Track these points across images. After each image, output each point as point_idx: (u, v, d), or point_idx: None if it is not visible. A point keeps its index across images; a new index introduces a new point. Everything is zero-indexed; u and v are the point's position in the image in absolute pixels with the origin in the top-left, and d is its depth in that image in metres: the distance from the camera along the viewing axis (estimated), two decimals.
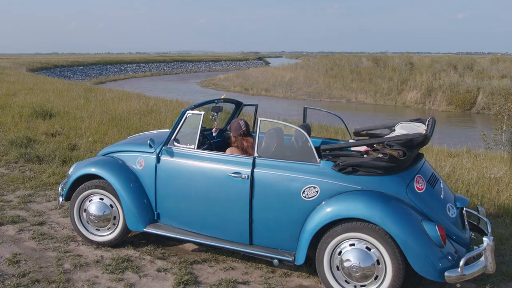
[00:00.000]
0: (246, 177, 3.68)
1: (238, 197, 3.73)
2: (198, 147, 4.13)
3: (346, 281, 3.41)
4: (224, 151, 5.15)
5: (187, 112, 4.07)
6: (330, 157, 3.60)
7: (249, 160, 3.72)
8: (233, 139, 4.32)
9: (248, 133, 4.28)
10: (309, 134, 3.96)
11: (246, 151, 4.21)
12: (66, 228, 4.75)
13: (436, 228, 3.20)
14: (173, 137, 4.09)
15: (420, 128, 3.76)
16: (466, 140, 10.86)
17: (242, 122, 4.26)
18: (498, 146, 11.07)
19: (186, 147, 4.02)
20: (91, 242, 4.34)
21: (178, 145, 4.06)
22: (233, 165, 3.78)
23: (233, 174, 3.72)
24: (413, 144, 3.35)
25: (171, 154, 4.07)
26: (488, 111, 23.52)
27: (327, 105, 26.54)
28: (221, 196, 3.82)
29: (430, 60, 34.37)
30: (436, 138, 9.46)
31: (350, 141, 4.31)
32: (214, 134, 4.79)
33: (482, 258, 3.30)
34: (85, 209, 4.34)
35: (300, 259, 3.52)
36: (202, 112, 4.00)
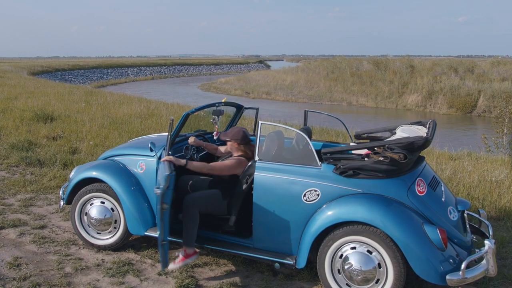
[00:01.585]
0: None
1: None
2: (199, 151, 4.13)
3: (347, 284, 3.41)
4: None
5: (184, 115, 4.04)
6: (331, 160, 3.60)
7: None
8: (235, 146, 4.10)
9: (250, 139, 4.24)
10: (310, 137, 3.96)
11: (250, 158, 4.14)
12: (67, 231, 4.75)
13: (438, 231, 3.19)
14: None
15: (421, 131, 3.76)
16: (467, 143, 10.85)
17: (245, 130, 4.14)
18: (499, 149, 11.05)
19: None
20: (92, 245, 4.34)
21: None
22: None
23: None
24: (414, 147, 3.34)
25: None
26: (489, 114, 23.51)
27: (328, 108, 26.56)
28: None
29: (431, 63, 34.37)
30: (437, 141, 9.46)
31: (351, 144, 4.31)
32: (215, 138, 4.79)
33: (484, 261, 3.29)
34: (86, 213, 4.34)
35: (302, 262, 3.52)
36: (172, 117, 3.92)
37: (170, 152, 3.88)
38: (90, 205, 4.32)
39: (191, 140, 4.33)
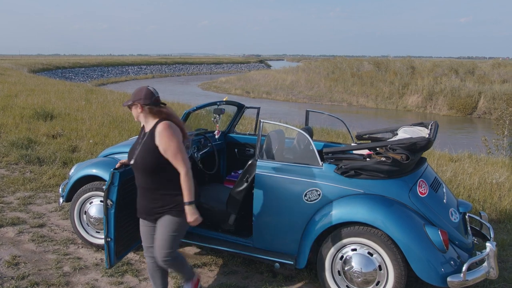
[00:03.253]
0: None
1: None
2: (200, 149, 4.09)
3: (347, 286, 3.39)
4: (226, 153, 5.16)
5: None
6: (332, 160, 3.58)
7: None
8: (139, 111, 3.00)
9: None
10: (311, 137, 3.94)
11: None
12: (66, 230, 4.73)
13: (439, 232, 3.17)
14: None
15: (423, 132, 3.74)
16: (467, 145, 10.84)
17: (151, 88, 3.03)
18: (499, 151, 11.03)
19: None
20: (91, 244, 4.32)
21: None
22: None
23: None
24: (416, 148, 3.33)
25: None
26: (489, 116, 23.49)
27: (328, 109, 26.53)
28: None
29: (432, 64, 34.38)
30: (438, 143, 9.43)
31: (353, 144, 4.29)
32: (216, 137, 4.77)
33: (485, 264, 3.27)
34: (85, 212, 4.31)
35: (302, 263, 3.50)
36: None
37: None
38: (90, 203, 4.30)
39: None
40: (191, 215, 2.92)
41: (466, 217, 3.83)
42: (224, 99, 4.75)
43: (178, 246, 3.10)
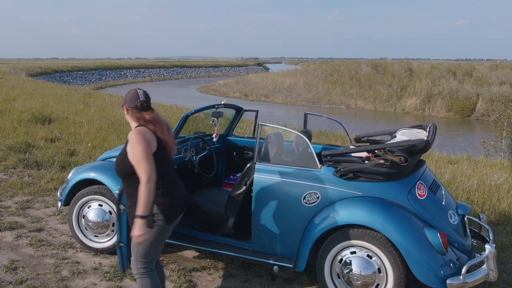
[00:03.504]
0: None
1: None
2: (198, 153, 4.08)
3: None
4: (224, 156, 5.16)
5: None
6: (331, 163, 3.58)
7: None
8: (126, 114, 2.99)
9: (148, 106, 2.97)
10: (309, 140, 3.94)
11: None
12: (64, 234, 4.71)
13: (438, 235, 3.17)
14: None
15: (421, 135, 3.74)
16: (466, 147, 10.86)
17: (140, 91, 2.98)
18: (498, 153, 11.06)
19: None
20: (90, 248, 4.30)
21: None
22: None
23: None
24: (414, 150, 3.33)
25: None
26: (487, 118, 23.55)
27: (326, 111, 26.54)
28: None
29: (430, 67, 34.44)
30: (436, 145, 9.45)
31: (351, 147, 4.29)
32: (214, 140, 4.77)
33: (484, 266, 3.26)
34: (83, 215, 4.30)
35: (301, 265, 3.49)
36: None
37: None
38: (88, 207, 4.29)
39: None
40: (138, 230, 2.67)
41: (465, 219, 3.83)
42: (223, 102, 4.75)
43: (152, 256, 2.93)
